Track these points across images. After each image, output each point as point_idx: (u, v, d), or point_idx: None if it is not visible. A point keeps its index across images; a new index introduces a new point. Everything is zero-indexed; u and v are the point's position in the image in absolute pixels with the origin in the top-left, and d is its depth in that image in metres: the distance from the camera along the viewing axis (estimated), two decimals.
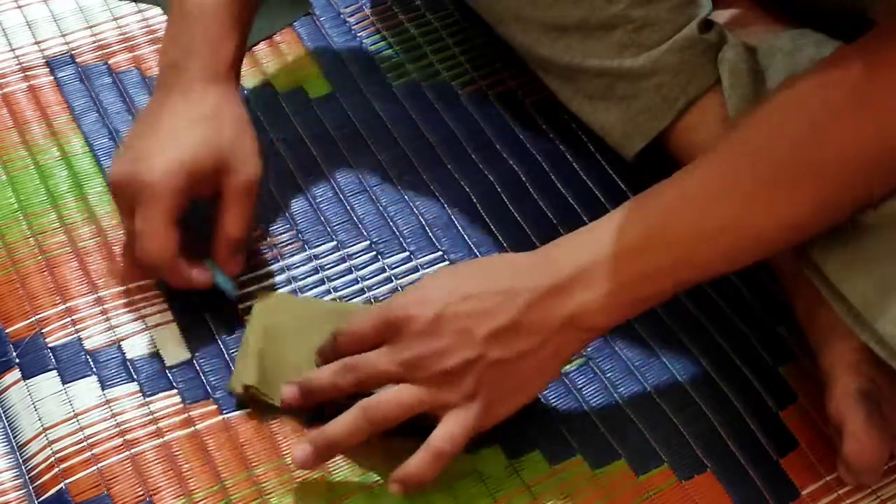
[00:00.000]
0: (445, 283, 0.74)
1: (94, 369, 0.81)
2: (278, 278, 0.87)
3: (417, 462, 0.72)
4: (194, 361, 0.82)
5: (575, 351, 0.75)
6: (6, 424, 0.79)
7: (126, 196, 0.79)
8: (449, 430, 0.72)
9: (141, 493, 0.75)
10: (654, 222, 0.71)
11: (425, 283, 0.75)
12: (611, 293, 0.71)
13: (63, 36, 1.02)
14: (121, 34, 1.03)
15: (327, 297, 0.86)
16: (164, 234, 0.78)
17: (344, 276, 0.88)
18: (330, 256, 0.89)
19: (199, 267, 0.81)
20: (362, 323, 0.75)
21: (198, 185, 0.80)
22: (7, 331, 0.83)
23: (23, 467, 0.78)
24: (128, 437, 0.78)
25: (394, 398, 0.72)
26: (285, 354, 0.79)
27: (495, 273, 0.74)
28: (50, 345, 0.82)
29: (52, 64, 1.00)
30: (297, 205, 0.92)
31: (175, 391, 0.80)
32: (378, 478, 0.76)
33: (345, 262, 0.89)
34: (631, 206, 0.74)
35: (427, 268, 0.89)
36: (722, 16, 0.89)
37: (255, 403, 0.79)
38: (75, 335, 0.83)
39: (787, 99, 0.71)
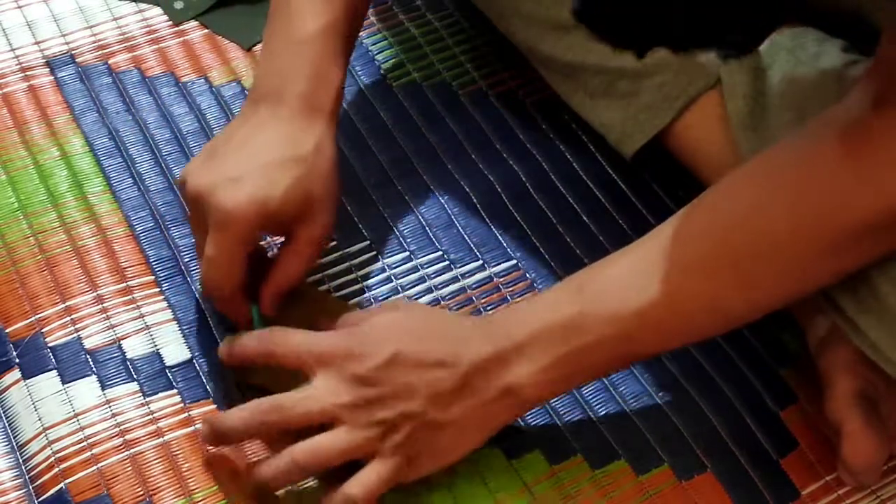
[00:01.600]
0: (398, 330, 0.73)
1: (94, 369, 0.81)
2: None
3: None
4: (194, 361, 0.82)
5: (507, 420, 0.74)
6: (6, 424, 0.79)
7: (201, 210, 0.76)
8: (366, 479, 0.71)
9: (141, 493, 0.75)
10: (589, 300, 0.71)
11: (378, 321, 0.73)
12: (546, 368, 0.71)
13: (63, 36, 1.02)
14: (121, 34, 1.03)
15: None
16: (232, 267, 0.76)
17: (344, 275, 0.88)
18: (329, 256, 0.89)
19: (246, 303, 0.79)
20: (323, 344, 0.72)
21: (276, 226, 0.78)
22: (7, 330, 0.83)
23: (23, 467, 0.77)
24: (128, 437, 0.78)
25: (327, 444, 0.70)
26: None
27: (443, 332, 0.73)
28: (50, 344, 0.82)
29: (52, 64, 1.00)
30: None
31: (175, 391, 0.80)
32: None
33: (345, 261, 0.89)
34: (571, 281, 0.74)
35: (427, 267, 0.89)
36: None
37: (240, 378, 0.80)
38: (75, 335, 0.83)
39: (724, 188, 0.71)
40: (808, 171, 0.68)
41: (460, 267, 0.89)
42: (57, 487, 0.76)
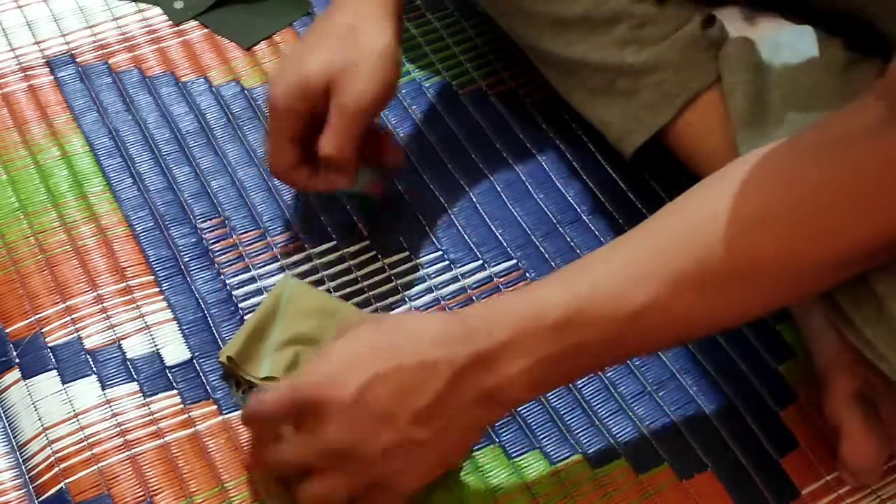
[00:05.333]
0: (359, 357, 0.67)
1: (94, 369, 0.81)
2: (277, 278, 0.87)
3: None
4: (194, 361, 0.82)
5: (491, 422, 0.72)
6: (6, 424, 0.79)
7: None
8: None
9: (141, 494, 0.75)
10: (576, 301, 0.67)
11: (335, 354, 0.68)
12: (530, 369, 0.67)
13: (63, 36, 1.02)
14: (121, 34, 1.03)
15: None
16: (280, 152, 0.81)
17: (343, 276, 0.88)
18: (329, 256, 0.89)
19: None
20: (269, 404, 0.68)
21: (317, 102, 0.80)
22: (7, 330, 0.83)
23: (23, 467, 0.77)
24: (128, 437, 0.78)
25: (309, 496, 0.69)
26: (271, 333, 0.80)
27: (412, 342, 0.68)
28: (50, 344, 0.82)
29: (52, 64, 1.00)
30: (297, 204, 0.92)
31: (175, 391, 0.80)
32: None
33: (344, 261, 0.89)
34: (556, 279, 0.70)
35: (427, 267, 0.89)
36: (725, 12, 0.89)
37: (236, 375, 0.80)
38: (75, 334, 0.83)
39: (715, 189, 0.69)
40: (800, 194, 0.66)
41: (460, 267, 0.89)
42: (57, 487, 0.76)
